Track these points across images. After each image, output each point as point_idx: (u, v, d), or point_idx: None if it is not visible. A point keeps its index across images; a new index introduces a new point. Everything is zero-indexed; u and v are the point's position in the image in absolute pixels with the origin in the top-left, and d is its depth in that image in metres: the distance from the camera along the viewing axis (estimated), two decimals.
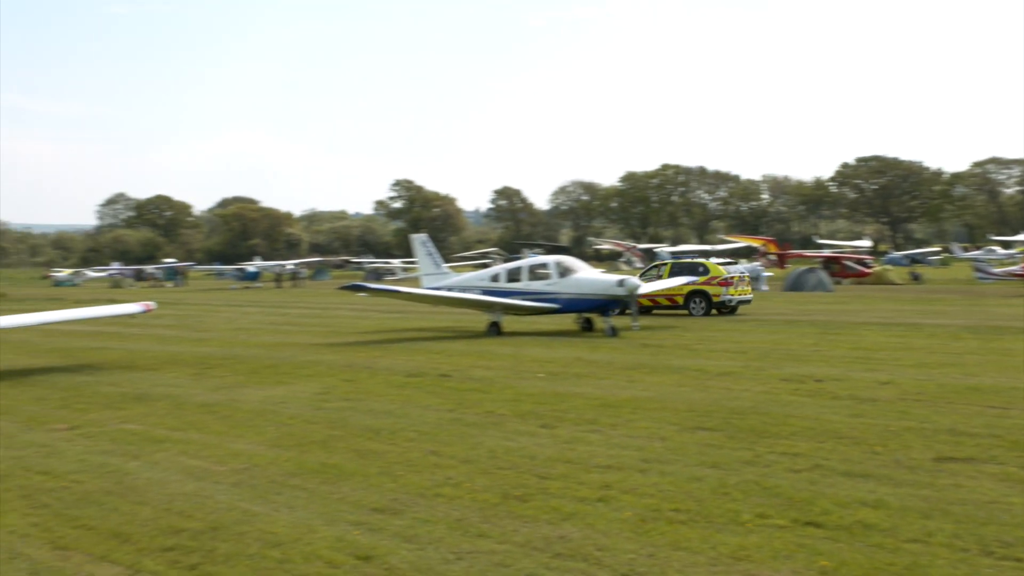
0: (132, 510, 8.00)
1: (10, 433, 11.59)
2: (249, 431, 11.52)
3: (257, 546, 6.99)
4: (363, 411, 12.85)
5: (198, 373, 17.44)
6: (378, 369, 17.60)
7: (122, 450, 10.48)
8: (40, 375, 17.50)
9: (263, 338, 25.16)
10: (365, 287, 28.60)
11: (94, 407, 13.57)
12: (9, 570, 6.54)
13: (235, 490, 8.63)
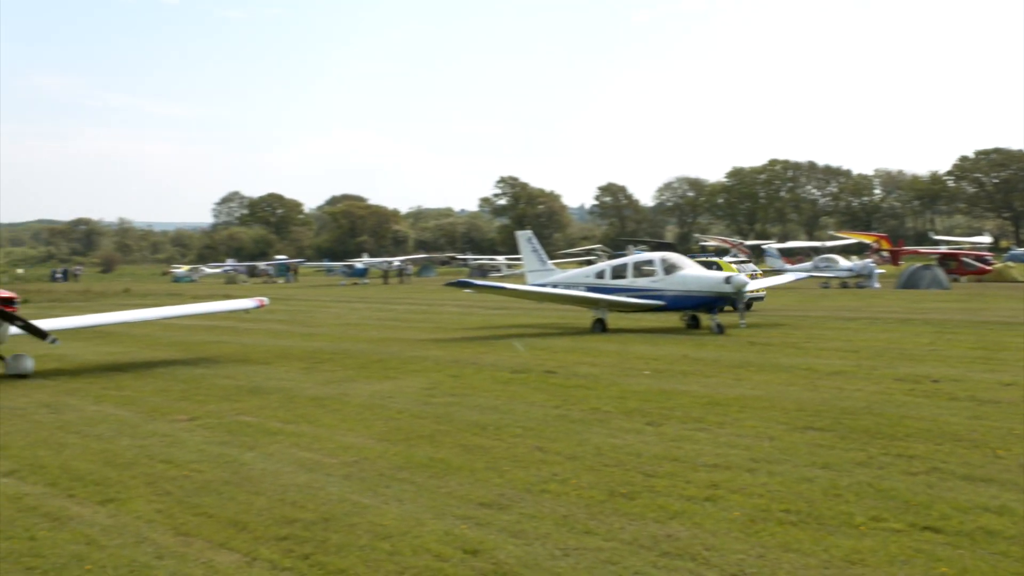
0: (248, 499, 8.24)
1: (134, 423, 12.08)
2: (358, 425, 11.75)
3: (367, 538, 7.13)
4: (469, 407, 12.96)
5: (309, 367, 17.87)
6: (484, 365, 17.72)
7: (238, 441, 10.81)
8: (162, 368, 18.20)
9: (371, 333, 25.61)
10: (471, 284, 28.85)
11: (212, 399, 14.04)
12: (137, 553, 6.82)
13: (345, 482, 8.81)
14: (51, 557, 6.74)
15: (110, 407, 13.42)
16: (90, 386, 15.61)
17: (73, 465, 9.61)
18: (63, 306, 41.55)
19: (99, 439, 11.00)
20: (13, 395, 14.61)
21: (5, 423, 12.18)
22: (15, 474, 9.29)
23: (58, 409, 13.25)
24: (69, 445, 10.66)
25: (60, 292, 57.18)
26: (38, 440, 10.97)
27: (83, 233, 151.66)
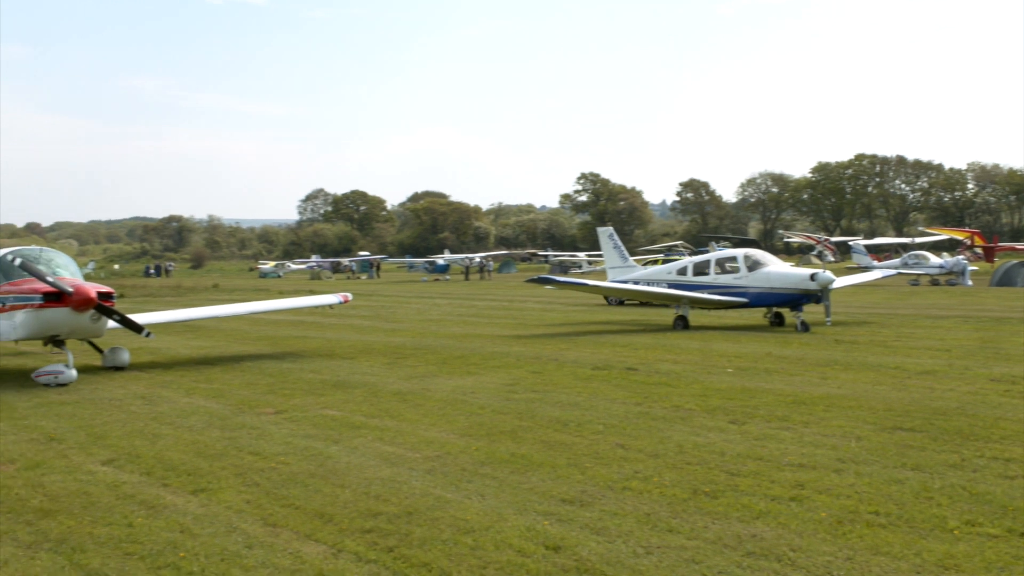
0: (333, 492, 8.38)
1: (224, 415, 12.39)
2: (441, 420, 11.84)
3: (450, 532, 7.18)
4: (551, 403, 12.96)
5: (391, 362, 18.08)
6: (565, 361, 17.70)
7: (323, 435, 10.99)
8: (250, 361, 18.62)
9: (452, 329, 25.79)
10: (552, 280, 28.82)
11: (298, 393, 14.31)
12: (227, 542, 6.99)
13: (428, 477, 8.88)
14: (147, 543, 6.96)
15: (201, 399, 13.78)
16: (182, 379, 16.06)
17: (167, 455, 9.90)
18: (156, 301, 42.80)
19: (191, 430, 11.30)
20: (111, 386, 15.11)
21: (104, 413, 12.60)
22: (113, 463, 9.61)
23: (152, 401, 13.66)
24: (163, 436, 10.98)
25: (153, 287, 58.92)
26: (134, 430, 11.33)
27: (175, 230, 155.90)
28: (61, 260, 17.53)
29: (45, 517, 7.63)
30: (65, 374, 15.24)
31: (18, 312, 16.09)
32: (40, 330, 16.04)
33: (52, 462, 9.62)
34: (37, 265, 16.18)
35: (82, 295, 15.48)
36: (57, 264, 17.09)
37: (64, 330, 16.03)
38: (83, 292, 15.53)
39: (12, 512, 7.80)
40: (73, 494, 8.34)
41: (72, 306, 15.50)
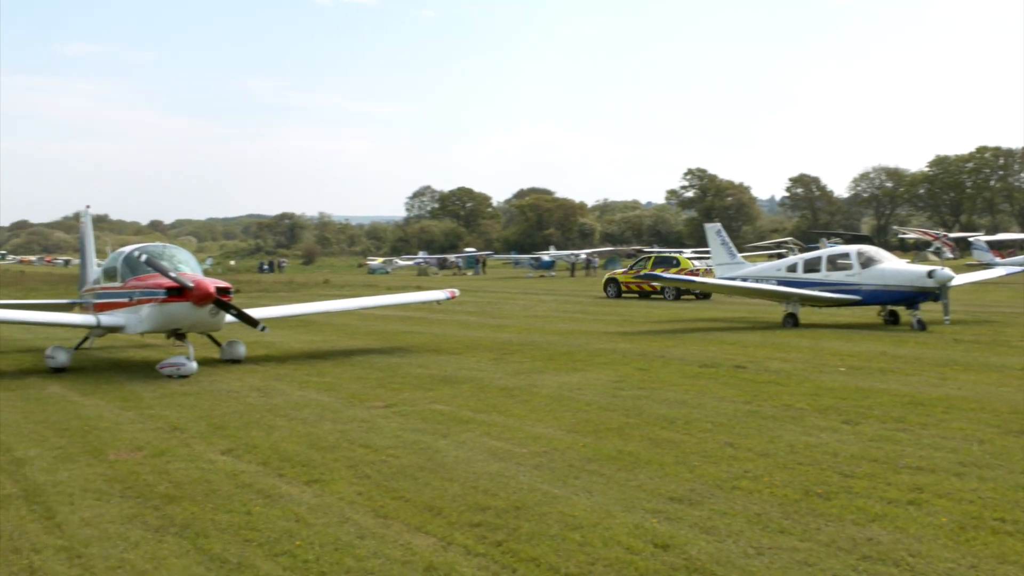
0: (442, 486, 8.49)
1: (335, 408, 12.68)
2: (547, 416, 11.87)
3: (558, 528, 7.20)
4: (657, 400, 12.86)
5: (498, 358, 18.20)
6: (671, 359, 17.54)
7: (432, 429, 11.15)
8: (360, 356, 19.01)
9: (558, 326, 25.82)
10: (659, 277, 28.57)
11: (406, 387, 14.55)
12: (341, 532, 7.17)
13: (536, 472, 8.92)
14: (265, 531, 7.18)
15: (313, 392, 14.13)
16: (295, 372, 16.50)
17: (282, 446, 10.19)
18: (269, 296, 44.08)
19: (304, 423, 11.61)
20: (228, 379, 15.64)
21: (222, 404, 13.06)
22: (232, 452, 9.94)
23: (267, 393, 14.08)
24: (278, 427, 11.31)
25: (267, 283, 60.69)
26: (251, 421, 11.70)
27: (287, 227, 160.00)
28: (182, 256, 18.23)
29: (170, 503, 7.96)
30: (187, 366, 15.83)
31: (144, 306, 16.81)
32: (163, 323, 16.71)
33: (176, 450, 10.02)
34: (161, 261, 16.87)
35: (202, 290, 16.07)
36: (179, 260, 17.77)
37: (185, 323, 16.66)
38: (203, 287, 16.12)
39: (141, 497, 8.16)
40: (195, 481, 8.67)
41: (193, 300, 16.11)
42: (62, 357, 16.84)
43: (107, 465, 9.37)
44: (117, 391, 14.43)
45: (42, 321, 18.11)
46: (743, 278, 27.10)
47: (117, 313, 17.59)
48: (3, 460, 9.64)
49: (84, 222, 24.05)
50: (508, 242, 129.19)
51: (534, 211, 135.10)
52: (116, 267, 18.24)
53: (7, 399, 13.70)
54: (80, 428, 11.33)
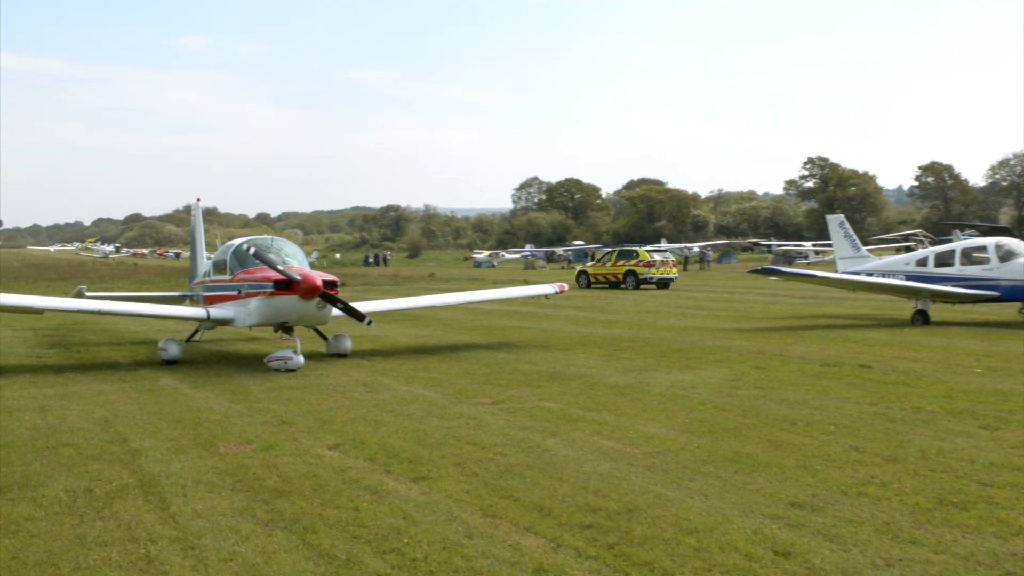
0: (552, 486, 8.50)
1: (442, 404, 12.83)
2: (660, 415, 11.78)
3: (672, 531, 7.13)
4: (776, 400, 12.62)
5: (608, 355, 18.14)
6: (791, 357, 17.19)
7: (540, 427, 11.18)
8: (466, 351, 19.19)
9: (670, 321, 25.59)
10: (777, 271, 28.02)
11: (514, 384, 14.62)
12: (448, 531, 7.25)
13: (648, 473, 8.85)
14: (373, 528, 7.32)
15: (419, 388, 14.33)
16: (401, 367, 16.77)
17: (389, 442, 10.37)
18: (375, 290, 44.91)
19: (411, 418, 11.78)
20: (335, 373, 15.99)
21: (329, 399, 13.36)
22: (339, 447, 10.17)
23: (374, 388, 14.34)
24: (384, 423, 11.51)
25: (372, 276, 61.83)
26: (357, 416, 11.94)
27: (392, 219, 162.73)
28: (290, 249, 18.71)
29: (279, 497, 8.19)
30: (294, 360, 16.25)
31: (252, 299, 17.33)
32: (271, 317, 17.19)
33: (284, 444, 10.30)
34: (268, 254, 17.34)
35: (309, 283, 16.45)
36: (286, 253, 18.25)
37: (292, 317, 17.10)
38: (310, 280, 16.50)
39: (250, 491, 8.42)
40: (303, 476, 8.90)
41: (300, 294, 16.51)
42: (174, 349, 17.50)
43: (218, 458, 9.70)
44: (226, 384, 14.92)
45: (154, 314, 18.85)
46: (868, 273, 26.35)
47: (226, 306, 18.19)
48: (120, 450, 10.08)
49: (195, 215, 24.93)
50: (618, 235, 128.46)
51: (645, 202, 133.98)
52: (225, 260, 18.85)
53: (123, 390, 14.31)
54: (191, 420, 11.76)
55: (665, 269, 44.11)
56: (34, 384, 14.91)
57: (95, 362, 17.93)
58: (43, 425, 11.48)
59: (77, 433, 10.98)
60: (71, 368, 16.97)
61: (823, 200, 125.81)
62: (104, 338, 22.75)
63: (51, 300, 20.33)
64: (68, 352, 19.62)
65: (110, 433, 11.01)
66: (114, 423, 11.62)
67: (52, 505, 7.98)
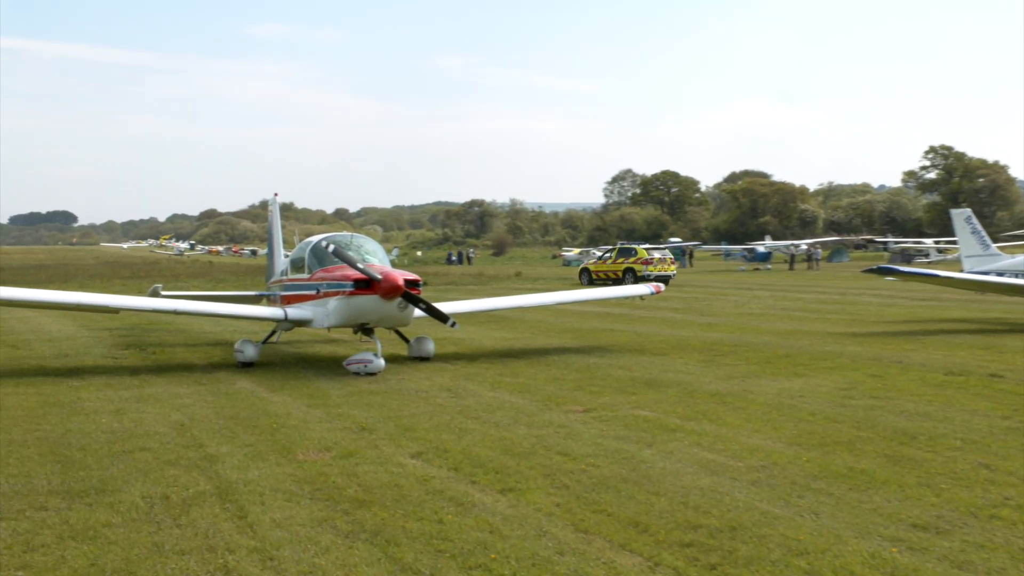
0: (648, 500, 8.46)
1: (531, 412, 12.87)
2: (765, 425, 11.64)
3: (780, 552, 7.03)
4: (894, 411, 12.36)
5: (708, 360, 17.98)
6: (910, 364, 16.81)
7: (635, 436, 11.13)
8: (555, 355, 19.21)
9: (775, 324, 25.24)
10: (894, 270, 27.39)
11: (606, 390, 14.59)
12: (538, 547, 7.26)
13: (753, 489, 8.75)
14: (458, 542, 7.38)
15: (506, 394, 14.40)
16: (486, 371, 16.86)
17: (474, 451, 10.44)
18: (458, 289, 45.23)
19: (497, 426, 11.85)
20: (417, 377, 16.17)
21: (411, 405, 13.51)
22: (421, 456, 10.28)
23: (458, 393, 14.45)
24: (469, 431, 11.59)
25: (455, 275, 62.30)
26: (441, 424, 12.05)
27: (476, 215, 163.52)
28: (370, 246, 18.97)
29: (360, 507, 8.31)
30: (374, 363, 16.47)
31: (331, 299, 17.61)
32: (350, 317, 17.44)
33: (364, 452, 10.45)
34: (348, 251, 17.60)
35: (390, 282, 16.65)
36: (366, 250, 18.51)
37: (373, 318, 17.32)
38: (391, 279, 16.70)
39: (330, 500, 8.57)
40: (385, 486, 9.01)
41: (380, 293, 16.72)
42: (250, 351, 17.89)
43: (296, 465, 9.89)
44: (304, 388, 15.20)
45: (230, 314, 19.29)
46: (998, 272, 25.58)
47: (304, 306, 18.52)
48: (197, 456, 10.35)
49: (272, 211, 25.45)
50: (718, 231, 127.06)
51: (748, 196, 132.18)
52: (303, 258, 19.19)
53: (199, 393, 14.70)
54: (269, 425, 12.01)
55: (663, 267, 49.29)
56: (110, 386, 15.42)
57: (171, 364, 18.45)
58: (119, 428, 11.86)
59: (153, 437, 11.32)
60: (147, 370, 17.49)
61: (947, 193, 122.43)
62: (179, 339, 23.39)
63: (127, 299, 20.97)
64: (143, 353, 20.23)
65: (186, 438, 11.32)
66: (190, 427, 11.95)
67: (129, 511, 8.24)
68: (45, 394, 14.57)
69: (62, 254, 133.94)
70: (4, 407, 13.43)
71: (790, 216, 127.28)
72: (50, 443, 11.03)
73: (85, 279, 55.95)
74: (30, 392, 14.76)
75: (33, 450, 10.66)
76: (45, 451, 10.62)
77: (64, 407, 13.44)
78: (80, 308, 19.24)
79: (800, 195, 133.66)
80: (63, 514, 8.16)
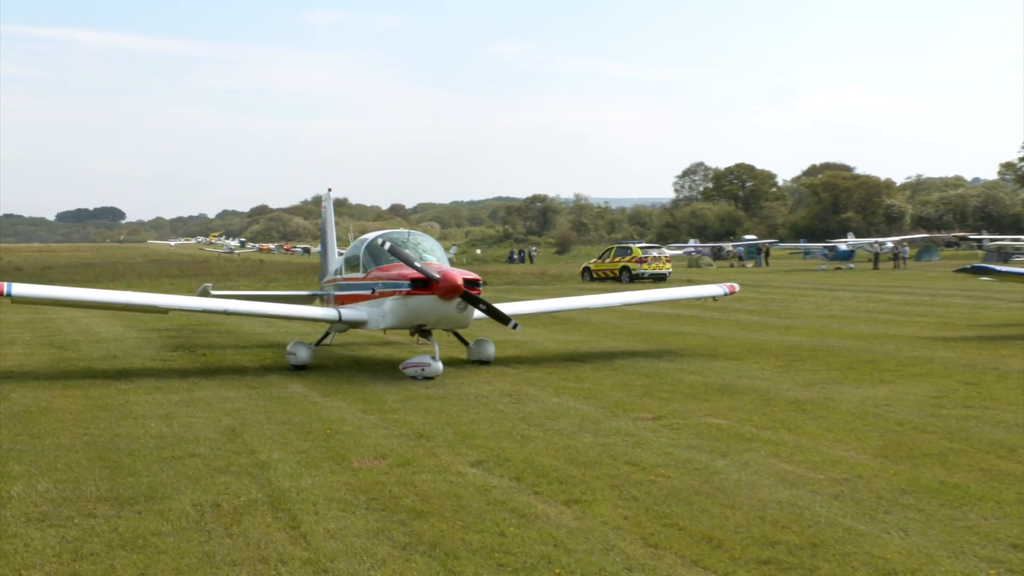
0: (722, 513, 8.40)
1: (597, 419, 12.85)
2: (848, 436, 11.51)
3: (865, 571, 6.95)
4: (990, 422, 12.15)
5: (786, 365, 17.82)
6: (1008, 371, 16.52)
7: (708, 446, 11.07)
8: (622, 359, 19.16)
9: (858, 328, 24.92)
10: (990, 269, 26.88)
11: (677, 396, 14.52)
12: (605, 562, 7.25)
13: (835, 503, 8.65)
14: (520, 556, 7.39)
15: (570, 400, 14.39)
16: (550, 376, 16.87)
17: (537, 460, 10.45)
18: (520, 289, 45.33)
19: (561, 434, 11.85)
20: (477, 382, 16.22)
21: (470, 411, 13.57)
22: (482, 464, 10.31)
23: (520, 399, 14.48)
24: (532, 438, 11.61)
25: (516, 274, 62.35)
26: (502, 431, 12.08)
27: (539, 211, 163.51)
28: (428, 244, 19.07)
29: (418, 518, 8.36)
30: (432, 366, 16.56)
31: (386, 299, 17.72)
32: (407, 319, 17.53)
33: (422, 460, 10.52)
34: (404, 249, 17.70)
35: (449, 282, 16.70)
36: (424, 248, 18.61)
37: (430, 319, 17.40)
38: (450, 279, 16.75)
39: (387, 510, 8.63)
40: (444, 496, 9.06)
41: (439, 293, 16.78)
42: (303, 354, 18.08)
43: (351, 473, 9.98)
44: (359, 392, 15.34)
45: (282, 314, 19.53)
46: None
47: (359, 306, 18.67)
48: (248, 463, 10.50)
49: (325, 206, 25.71)
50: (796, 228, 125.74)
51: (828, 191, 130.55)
52: (358, 256, 19.35)
53: (250, 397, 14.90)
54: (322, 431, 12.14)
55: (657, 265, 55.18)
56: (159, 389, 15.69)
57: (220, 366, 18.72)
58: (169, 433, 12.07)
59: (203, 443, 11.49)
60: (196, 372, 17.77)
61: None
62: (229, 340, 23.74)
63: (176, 299, 21.33)
64: (193, 355, 20.56)
65: (237, 443, 11.48)
66: (241, 433, 12.11)
67: (179, 520, 8.38)
68: (93, 397, 14.87)
69: (110, 252, 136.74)
70: (52, 410, 13.74)
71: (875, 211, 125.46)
72: (98, 448, 11.26)
73: (133, 278, 57.03)
74: (78, 395, 15.08)
75: (81, 455, 10.89)
76: (93, 456, 10.84)
77: (112, 411, 13.70)
78: (128, 308, 19.61)
79: (886, 189, 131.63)
80: (112, 521, 8.32)
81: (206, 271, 66.30)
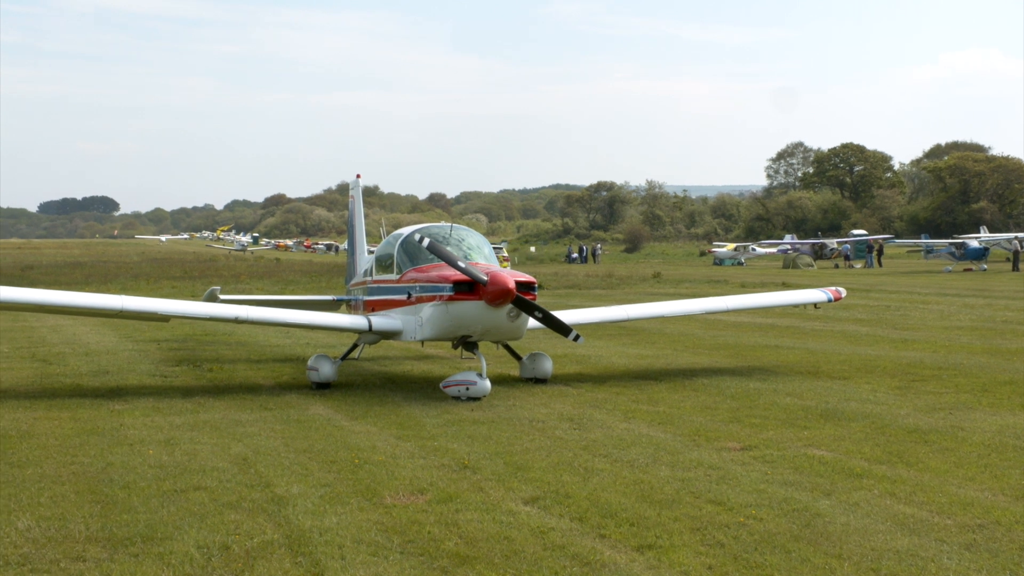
0: (827, 564, 8.36)
1: (674, 449, 12.82)
2: (982, 472, 11.41)
3: None
4: None
5: (903, 386, 17.66)
6: None
7: (809, 483, 11.00)
8: (704, 377, 19.09)
9: (993, 342, 24.63)
10: None
11: (771, 423, 14.45)
12: None
13: (967, 554, 8.59)
14: None
15: (643, 426, 14.38)
16: (618, 397, 16.85)
17: (603, 497, 10.45)
18: (582, 294, 45.30)
19: (631, 466, 11.84)
20: (532, 404, 16.25)
21: (524, 438, 13.59)
22: (538, 502, 10.33)
23: (582, 424, 14.48)
24: (597, 471, 11.61)
25: (577, 276, 62.37)
26: (562, 462, 12.10)
27: (604, 200, 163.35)
28: (473, 240, 19.09)
29: (462, 564, 8.40)
30: (478, 385, 16.59)
31: (424, 305, 17.72)
32: (449, 328, 17.54)
33: (466, 496, 10.55)
34: (446, 247, 17.70)
35: (499, 285, 16.67)
36: (468, 245, 18.63)
37: (476, 329, 17.40)
38: (500, 281, 16.72)
39: (425, 555, 8.67)
40: (492, 538, 9.09)
41: (486, 299, 16.77)
42: (327, 370, 18.19)
43: (383, 511, 10.04)
44: (392, 415, 15.42)
45: (303, 323, 19.63)
46: None
47: (392, 313, 18.72)
48: (263, 498, 10.60)
49: (353, 196, 25.87)
50: (916, 221, 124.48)
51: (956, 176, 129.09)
52: (391, 255, 19.39)
53: (264, 420, 15.04)
54: (349, 461, 12.22)
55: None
56: (159, 411, 15.88)
57: (230, 384, 18.90)
58: (170, 463, 12.21)
59: (210, 474, 11.61)
60: (202, 391, 17.96)
61: None
62: (241, 353, 23.96)
63: (179, 304, 21.47)
64: (198, 371, 20.78)
65: (250, 475, 11.59)
66: (254, 462, 12.23)
67: (182, 564, 8.48)
68: (82, 420, 15.08)
69: (101, 249, 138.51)
70: (35, 434, 13.96)
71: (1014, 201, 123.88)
72: (88, 479, 11.41)
73: (128, 279, 57.79)
74: (64, 417, 15.30)
75: (68, 487, 11.05)
76: (82, 489, 10.99)
77: (104, 436, 13.89)
78: (123, 315, 19.77)
79: None
80: (104, 566, 8.43)
81: (213, 272, 67.00)
